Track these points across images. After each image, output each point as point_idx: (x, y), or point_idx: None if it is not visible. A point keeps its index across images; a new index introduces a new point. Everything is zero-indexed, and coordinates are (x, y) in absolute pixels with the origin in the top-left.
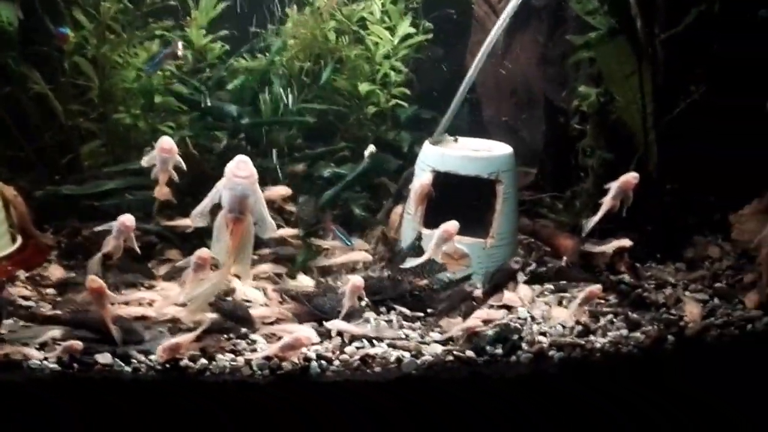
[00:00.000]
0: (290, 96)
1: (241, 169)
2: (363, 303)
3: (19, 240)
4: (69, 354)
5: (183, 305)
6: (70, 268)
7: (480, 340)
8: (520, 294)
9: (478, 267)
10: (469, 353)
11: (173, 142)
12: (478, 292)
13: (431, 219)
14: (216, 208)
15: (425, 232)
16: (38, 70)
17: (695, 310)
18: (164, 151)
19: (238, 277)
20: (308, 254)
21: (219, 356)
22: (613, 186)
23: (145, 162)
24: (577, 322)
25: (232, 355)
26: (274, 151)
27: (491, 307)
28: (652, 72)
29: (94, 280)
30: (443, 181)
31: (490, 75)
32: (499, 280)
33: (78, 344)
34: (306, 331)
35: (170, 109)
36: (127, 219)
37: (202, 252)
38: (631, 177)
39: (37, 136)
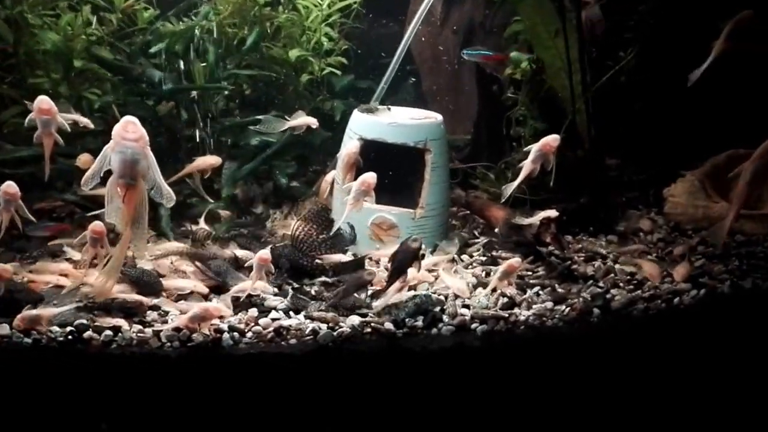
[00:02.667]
0: (219, 63)
1: (129, 130)
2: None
3: None
4: None
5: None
6: None
7: (399, 312)
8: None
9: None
10: (388, 325)
11: (51, 102)
12: None
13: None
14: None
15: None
16: None
17: (654, 271)
18: (42, 113)
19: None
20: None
21: (125, 327)
22: (533, 149)
23: (26, 124)
24: (502, 294)
25: (140, 326)
26: (205, 119)
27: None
28: (579, 34)
29: None
30: (373, 149)
31: (427, 45)
32: (400, 262)
33: None
34: (216, 304)
35: (95, 74)
36: (9, 186)
37: (95, 225)
38: (551, 139)
39: None
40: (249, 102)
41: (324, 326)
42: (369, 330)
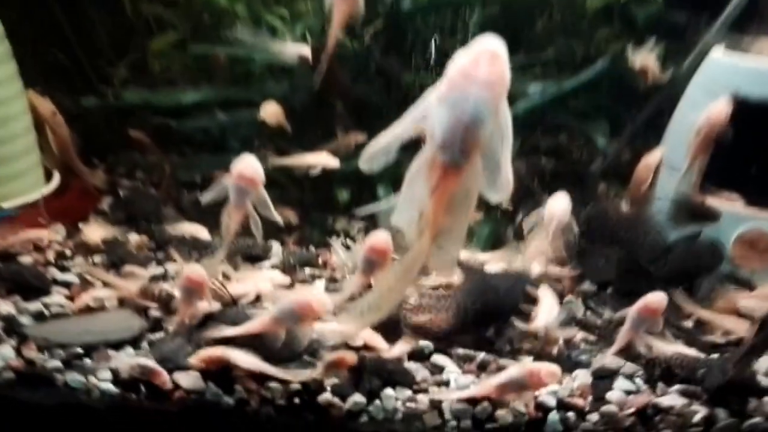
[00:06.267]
0: None
1: (484, 63)
2: None
3: (56, 178)
4: None
5: None
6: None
7: None
8: None
9: None
10: None
11: (259, 167)
12: None
13: (715, 179)
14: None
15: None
16: None
17: None
18: (244, 181)
19: None
20: None
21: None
22: None
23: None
24: None
25: (409, 391)
26: None
27: None
28: None
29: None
30: (748, 116)
31: None
32: None
33: None
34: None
35: None
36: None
37: (193, 273)
38: None
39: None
40: None
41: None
42: None
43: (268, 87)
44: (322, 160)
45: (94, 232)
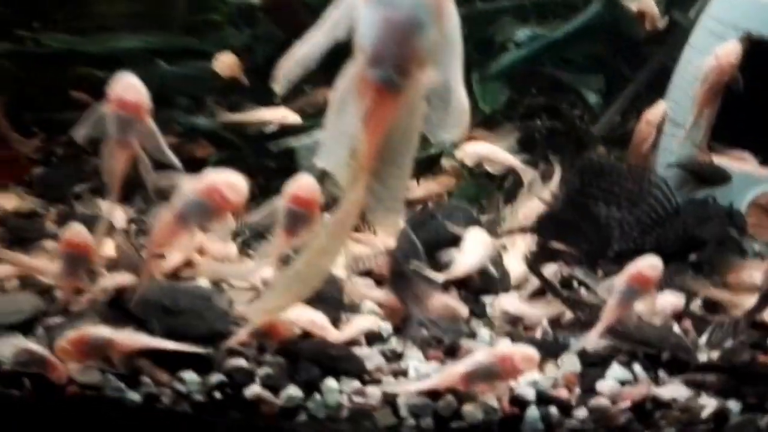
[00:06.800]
0: None
1: None
2: None
3: None
4: None
5: None
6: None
7: None
8: None
9: None
10: None
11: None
12: None
13: (724, 136)
14: None
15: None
16: None
17: None
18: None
19: None
20: None
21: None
22: None
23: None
24: None
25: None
26: None
27: None
28: None
29: None
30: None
31: None
32: None
33: None
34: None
35: None
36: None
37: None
38: None
39: None
40: None
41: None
42: None
43: (225, 36)
44: (278, 115)
45: (8, 202)
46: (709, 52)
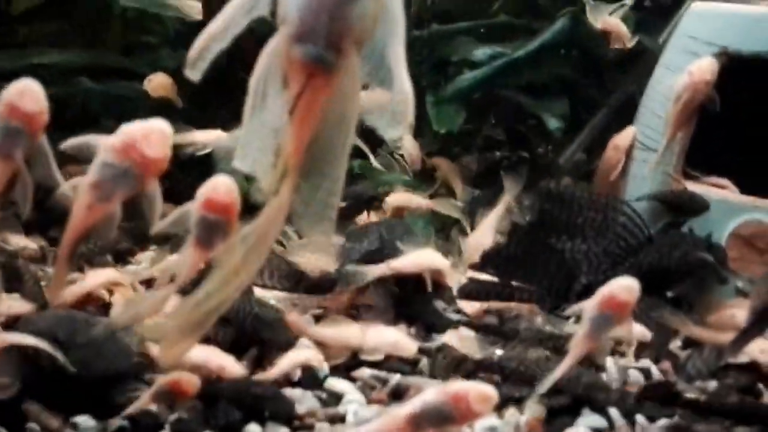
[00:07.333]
0: None
1: None
2: None
3: None
4: None
5: None
6: None
7: None
8: None
9: None
10: None
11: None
12: None
13: (699, 159)
14: None
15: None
16: None
17: None
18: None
19: None
20: None
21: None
22: None
23: None
24: None
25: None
26: None
27: None
28: None
29: None
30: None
31: None
32: None
33: None
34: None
35: None
36: None
37: None
38: None
39: None
40: None
41: None
42: None
43: (161, 57)
44: (211, 137)
45: None
46: (682, 70)
